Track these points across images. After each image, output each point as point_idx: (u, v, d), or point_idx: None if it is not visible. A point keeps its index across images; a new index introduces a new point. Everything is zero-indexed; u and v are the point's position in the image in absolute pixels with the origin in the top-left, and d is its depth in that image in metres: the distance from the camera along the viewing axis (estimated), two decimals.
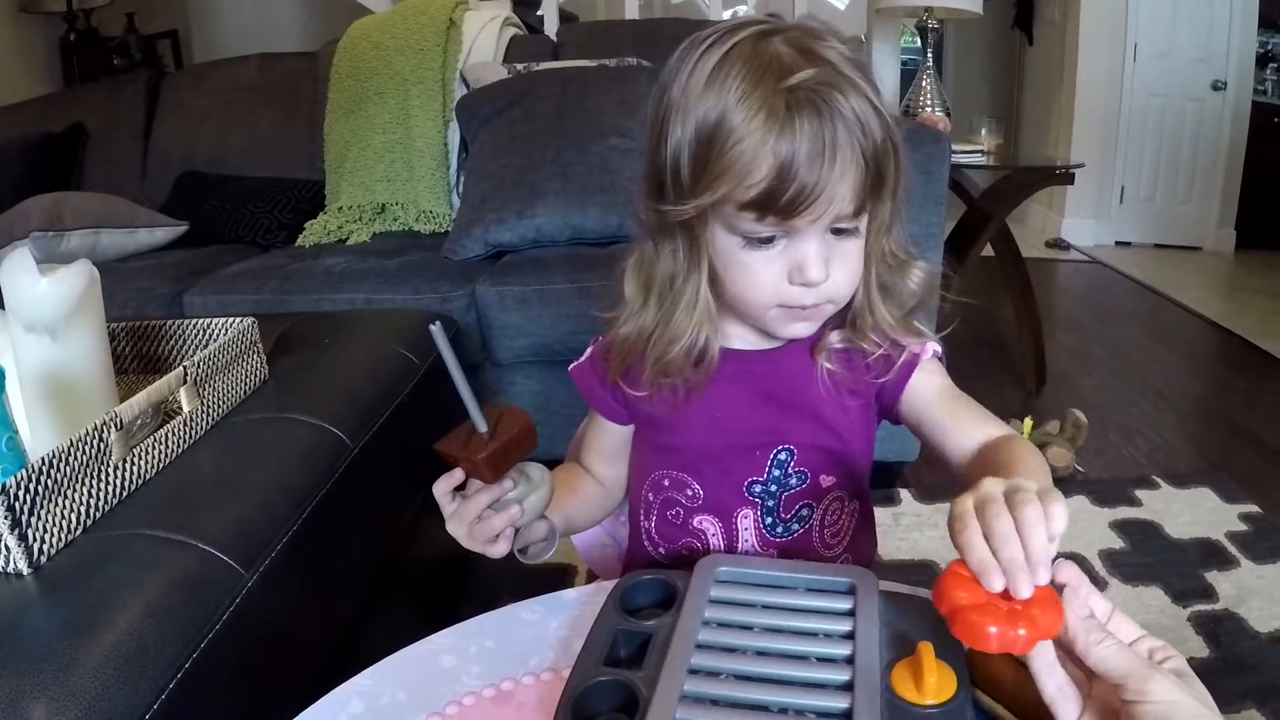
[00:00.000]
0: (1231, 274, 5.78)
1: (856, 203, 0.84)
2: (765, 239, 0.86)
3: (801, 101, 0.80)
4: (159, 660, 0.88)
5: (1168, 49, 6.08)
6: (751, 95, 0.81)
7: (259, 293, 2.36)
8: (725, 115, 0.82)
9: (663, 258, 0.94)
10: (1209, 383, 3.93)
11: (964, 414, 0.98)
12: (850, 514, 1.07)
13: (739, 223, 0.85)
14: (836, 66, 0.82)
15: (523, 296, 2.25)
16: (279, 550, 1.10)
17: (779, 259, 0.87)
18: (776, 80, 0.80)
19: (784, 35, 0.84)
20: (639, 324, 0.97)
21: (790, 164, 0.80)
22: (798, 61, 0.81)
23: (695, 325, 0.93)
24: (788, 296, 0.88)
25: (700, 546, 1.05)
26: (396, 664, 0.88)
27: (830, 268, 0.87)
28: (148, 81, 3.50)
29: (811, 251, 0.86)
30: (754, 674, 0.75)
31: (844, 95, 0.80)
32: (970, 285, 3.50)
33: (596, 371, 1.05)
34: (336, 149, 3.04)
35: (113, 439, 1.08)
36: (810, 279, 0.86)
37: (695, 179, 0.85)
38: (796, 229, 0.85)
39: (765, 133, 0.80)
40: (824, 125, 0.80)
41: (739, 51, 0.83)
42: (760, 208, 0.82)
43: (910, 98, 3.54)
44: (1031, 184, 3.44)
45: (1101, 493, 2.60)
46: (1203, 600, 2.09)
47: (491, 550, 0.90)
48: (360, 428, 1.40)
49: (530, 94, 2.73)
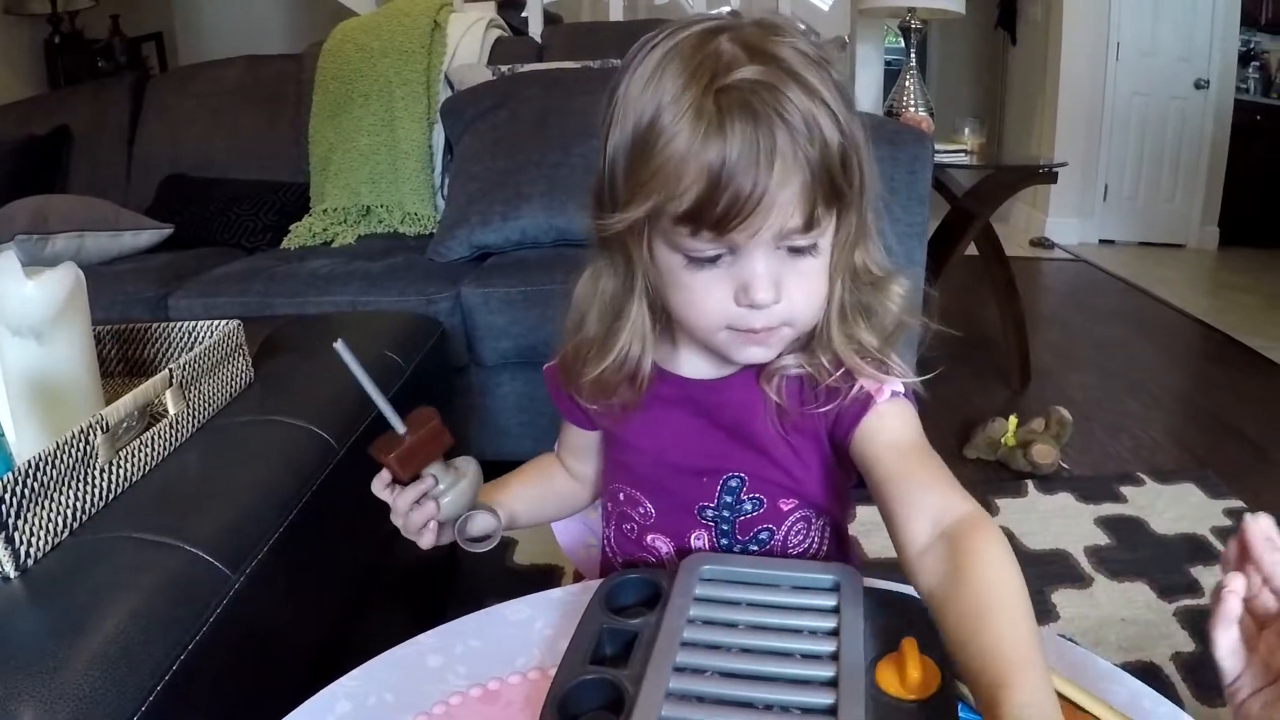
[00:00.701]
0: (1215, 271, 5.81)
1: (805, 215, 0.76)
2: (710, 258, 0.79)
3: (734, 104, 0.73)
4: (146, 662, 0.88)
5: (1150, 48, 6.10)
6: (682, 97, 0.74)
7: (244, 296, 2.36)
8: (656, 118, 0.75)
9: (605, 273, 0.90)
10: (1193, 379, 3.95)
11: (918, 481, 0.83)
12: (820, 529, 1.01)
13: (677, 239, 0.79)
14: (787, 64, 0.75)
15: (507, 298, 2.25)
16: (266, 552, 1.11)
17: (725, 278, 0.80)
18: (710, 80, 0.74)
19: (733, 32, 0.77)
20: (580, 338, 0.94)
21: (720, 172, 0.73)
22: (739, 60, 0.74)
23: (626, 345, 0.89)
24: (735, 319, 0.81)
25: (654, 561, 1.02)
26: (383, 665, 0.88)
27: (785, 288, 0.80)
28: (132, 84, 3.49)
29: (759, 270, 0.78)
30: (739, 671, 0.75)
31: (788, 96, 0.73)
32: (954, 284, 3.52)
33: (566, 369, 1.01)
34: (321, 151, 3.03)
35: (99, 442, 1.09)
36: (757, 300, 0.79)
37: (626, 189, 0.79)
38: (739, 245, 0.77)
39: (692, 137, 0.73)
40: (759, 129, 0.72)
41: (679, 49, 0.77)
42: (693, 220, 0.76)
43: (893, 98, 3.56)
44: (1014, 183, 3.45)
45: (1087, 489, 2.61)
46: (1188, 595, 2.10)
47: (420, 541, 0.93)
48: (346, 430, 1.40)
49: (515, 96, 2.74)
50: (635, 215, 0.78)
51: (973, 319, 4.21)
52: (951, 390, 3.39)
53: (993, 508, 2.49)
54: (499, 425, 2.40)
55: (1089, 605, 2.06)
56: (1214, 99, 6.17)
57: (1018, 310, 3.43)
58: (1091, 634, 1.95)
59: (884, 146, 2.19)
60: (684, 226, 0.77)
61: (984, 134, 3.54)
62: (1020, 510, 2.49)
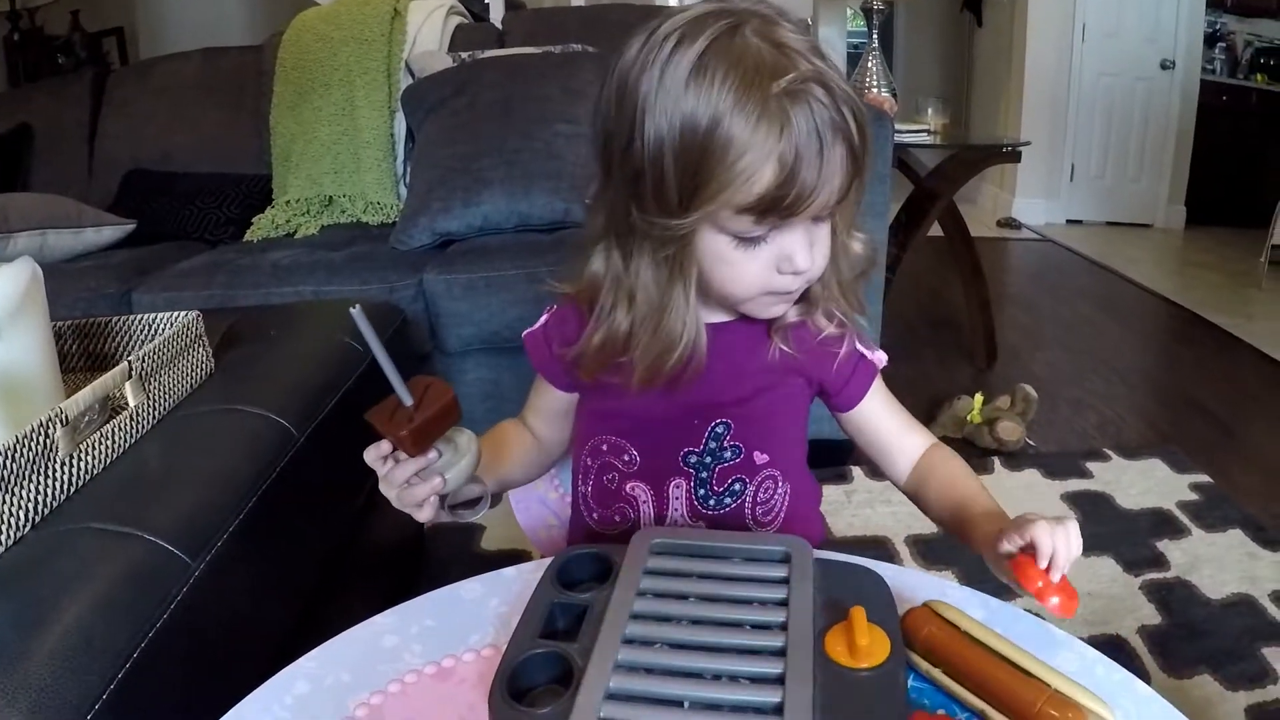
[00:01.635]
0: (1182, 250, 5.86)
1: (843, 191, 0.85)
2: (760, 236, 0.86)
3: (797, 102, 0.79)
4: (108, 651, 0.88)
5: (1116, 29, 6.13)
6: (747, 101, 0.79)
7: (207, 289, 2.35)
8: (721, 121, 0.80)
9: (643, 265, 0.92)
10: (1159, 356, 3.99)
11: (900, 429, 1.09)
12: (783, 496, 1.07)
13: (732, 224, 0.85)
14: (807, 56, 0.82)
15: (470, 284, 2.25)
16: (226, 540, 1.10)
17: (768, 251, 0.87)
18: (770, 81, 0.79)
19: (750, 27, 0.82)
20: (611, 329, 0.95)
21: (793, 167, 0.80)
22: (777, 58, 0.80)
23: (679, 332, 0.92)
24: (775, 285, 0.90)
25: (631, 513, 1.06)
26: (340, 646, 0.88)
27: (813, 253, 0.89)
28: (92, 80, 3.46)
29: (800, 242, 0.87)
30: (688, 642, 0.75)
31: (825, 88, 0.80)
32: (920, 264, 3.53)
33: (547, 338, 1.07)
34: (283, 142, 3.02)
35: (58, 435, 1.08)
36: (799, 268, 0.88)
37: (692, 189, 0.83)
38: (792, 221, 0.85)
39: (766, 137, 0.79)
40: (817, 122, 0.80)
41: (717, 49, 0.81)
42: (761, 211, 0.83)
43: (856, 79, 3.56)
44: (978, 162, 3.46)
45: (1053, 466, 2.63)
46: (1154, 569, 2.12)
47: (418, 515, 0.90)
48: (306, 417, 1.39)
49: (475, 82, 2.73)
50: (706, 212, 0.83)
51: (939, 298, 4.24)
52: (917, 369, 3.40)
53: None
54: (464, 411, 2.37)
55: None
56: (1180, 80, 6.20)
57: (983, 289, 3.45)
58: None
59: None
60: (749, 215, 0.83)
61: (947, 114, 3.55)
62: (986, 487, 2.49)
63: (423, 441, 0.86)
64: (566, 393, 1.10)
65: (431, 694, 0.81)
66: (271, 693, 0.82)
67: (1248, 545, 2.22)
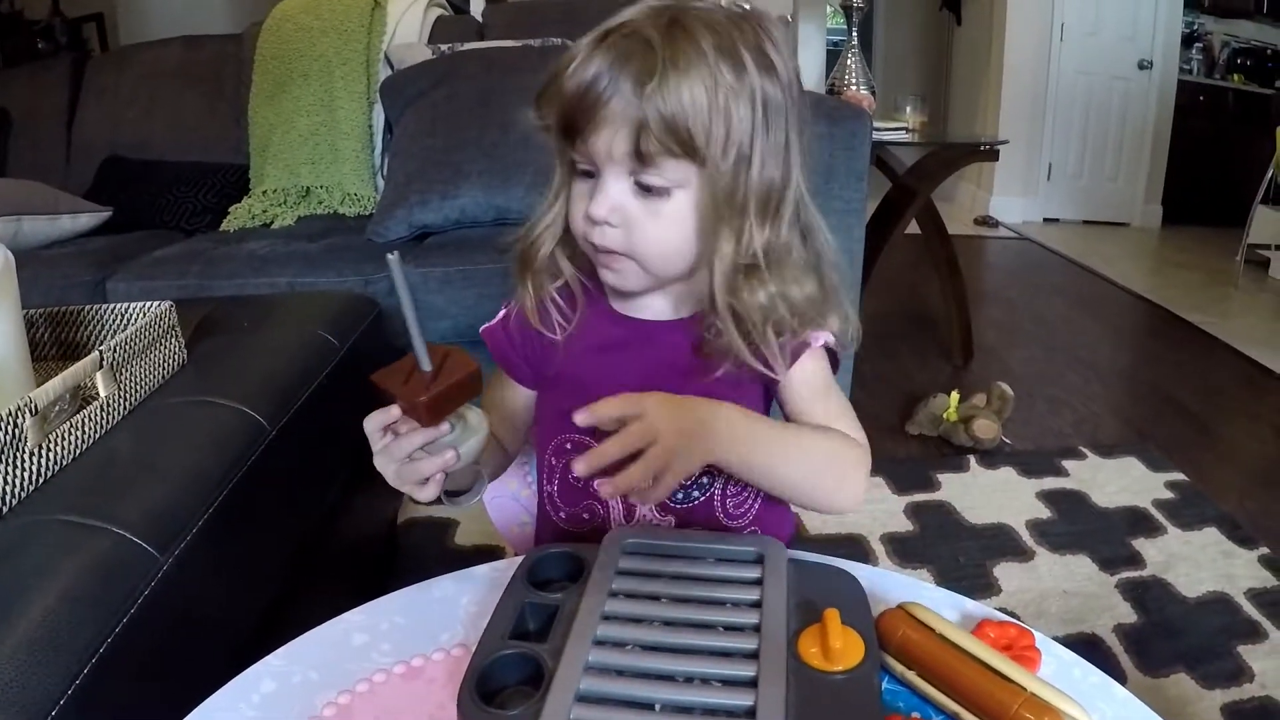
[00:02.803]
0: (1158, 248, 5.90)
1: (631, 145, 0.86)
2: (583, 171, 0.92)
3: (606, 44, 0.86)
4: (73, 645, 0.87)
5: (1094, 28, 6.15)
6: (595, 32, 0.89)
7: (183, 278, 2.33)
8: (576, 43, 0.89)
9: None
10: (1135, 355, 4.01)
11: (820, 410, 1.01)
12: (754, 490, 1.06)
13: (567, 152, 0.93)
14: (692, 40, 0.86)
15: (446, 277, 2.24)
16: (195, 534, 1.09)
17: (587, 194, 0.92)
18: (611, 28, 0.88)
19: (684, 10, 0.88)
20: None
21: (579, 91, 0.86)
22: (647, 21, 0.87)
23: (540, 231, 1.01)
24: (588, 232, 0.93)
25: (600, 510, 1.06)
26: (308, 643, 0.87)
27: (632, 221, 0.91)
28: (71, 65, 3.44)
29: (605, 189, 0.90)
30: (660, 644, 0.75)
31: (659, 55, 0.84)
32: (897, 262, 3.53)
33: (507, 332, 1.08)
34: (261, 132, 3.00)
35: (28, 425, 1.07)
36: (592, 211, 0.91)
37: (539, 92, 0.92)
38: (598, 165, 0.90)
39: (572, 63, 0.87)
40: (613, 67, 0.85)
41: (642, 4, 0.90)
42: (559, 129, 0.90)
43: (834, 76, 3.56)
44: (956, 160, 3.47)
45: (1029, 464, 2.63)
46: (1130, 567, 2.13)
47: (420, 494, 0.88)
48: (278, 410, 1.39)
49: (455, 74, 2.72)
50: (545, 121, 0.92)
51: (916, 296, 4.24)
52: (894, 366, 3.41)
53: (935, 483, 2.50)
54: None
55: (1031, 578, 2.08)
56: (1157, 79, 6.24)
57: (959, 287, 3.46)
58: (1033, 606, 1.97)
59: (822, 123, 2.19)
60: (560, 136, 0.91)
61: (926, 112, 3.55)
62: (962, 485, 2.50)
63: (439, 412, 0.82)
64: (527, 388, 1.10)
65: (401, 693, 0.80)
66: (238, 690, 0.81)
67: (1223, 544, 2.23)
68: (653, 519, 1.05)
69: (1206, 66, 6.68)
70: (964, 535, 2.26)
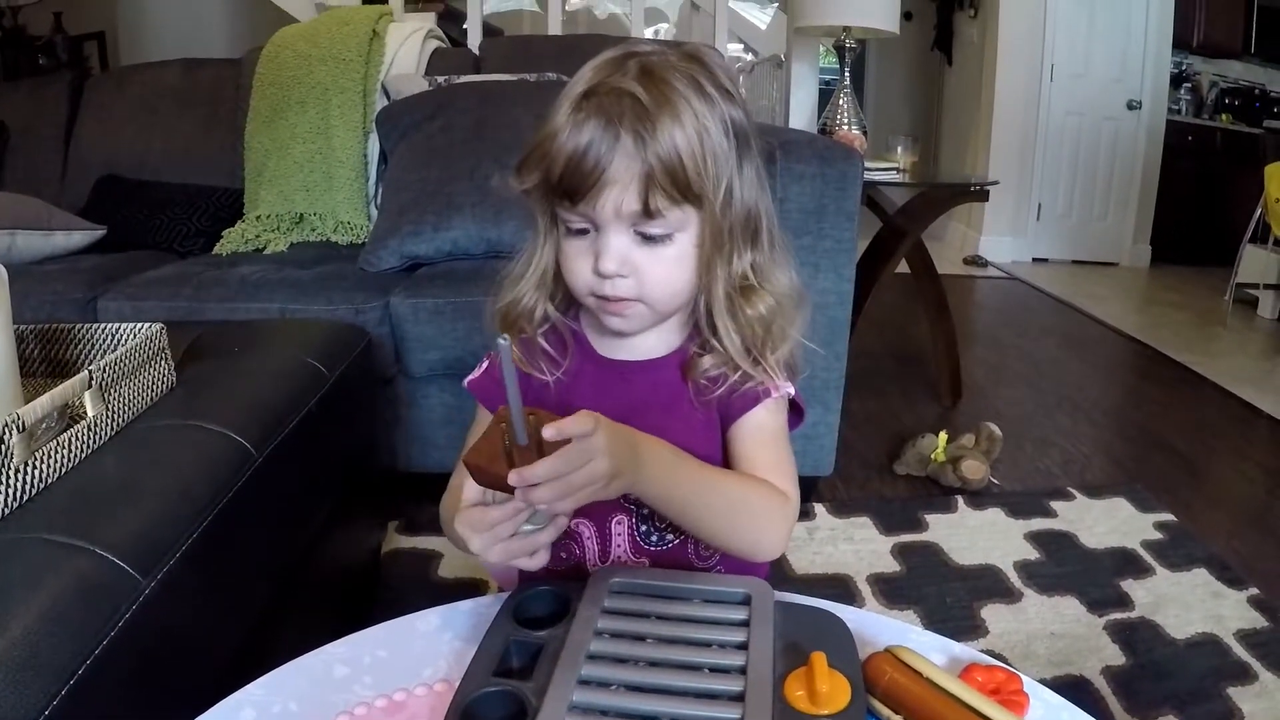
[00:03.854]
0: (1147, 288, 5.92)
1: (641, 201, 0.89)
2: (578, 230, 0.95)
3: (595, 106, 0.89)
4: (51, 666, 0.86)
5: (1084, 69, 6.21)
6: (572, 94, 0.91)
7: (174, 300, 2.32)
8: (554, 110, 0.92)
9: (530, 236, 1.05)
10: (1124, 395, 4.02)
11: (758, 466, 1.02)
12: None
13: (558, 209, 0.95)
14: (669, 87, 0.89)
15: (436, 309, 2.24)
16: (178, 558, 1.09)
17: (589, 250, 0.95)
18: (595, 86, 0.90)
19: (646, 56, 0.92)
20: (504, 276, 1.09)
21: (574, 155, 0.88)
22: (627, 75, 0.90)
23: (527, 288, 1.04)
24: (595, 286, 0.96)
25: (577, 550, 1.06)
26: (289, 673, 0.87)
27: (638, 268, 0.94)
28: (71, 82, 3.44)
29: (609, 245, 0.93)
30: (645, 684, 0.75)
31: (647, 109, 0.88)
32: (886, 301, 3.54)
33: (493, 381, 1.11)
34: (256, 157, 3.00)
35: (14, 441, 1.07)
36: (602, 269, 0.93)
37: (523, 161, 0.95)
38: (598, 222, 0.92)
39: (563, 127, 0.89)
40: (609, 128, 0.88)
41: (602, 57, 0.94)
42: (557, 193, 0.92)
43: (827, 116, 3.58)
44: (946, 200, 3.48)
45: (1017, 505, 2.63)
46: (1119, 609, 2.12)
47: (531, 564, 0.86)
48: (265, 437, 1.38)
49: (450, 106, 2.72)
50: (528, 183, 0.95)
51: (904, 335, 4.25)
52: (882, 406, 3.41)
53: (922, 523, 2.50)
54: (426, 437, 2.39)
55: (1019, 620, 2.07)
56: (1146, 120, 6.29)
57: (948, 326, 3.46)
58: (1021, 648, 1.96)
59: (813, 163, 2.20)
60: (556, 198, 0.93)
61: (917, 152, 3.56)
62: (950, 526, 2.50)
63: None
64: None
65: None
66: (218, 718, 0.80)
67: (1212, 584, 2.23)
68: (627, 560, 1.05)
69: (1195, 106, 6.74)
70: (951, 576, 2.25)
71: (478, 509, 0.85)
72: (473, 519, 0.84)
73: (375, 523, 2.21)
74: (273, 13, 4.09)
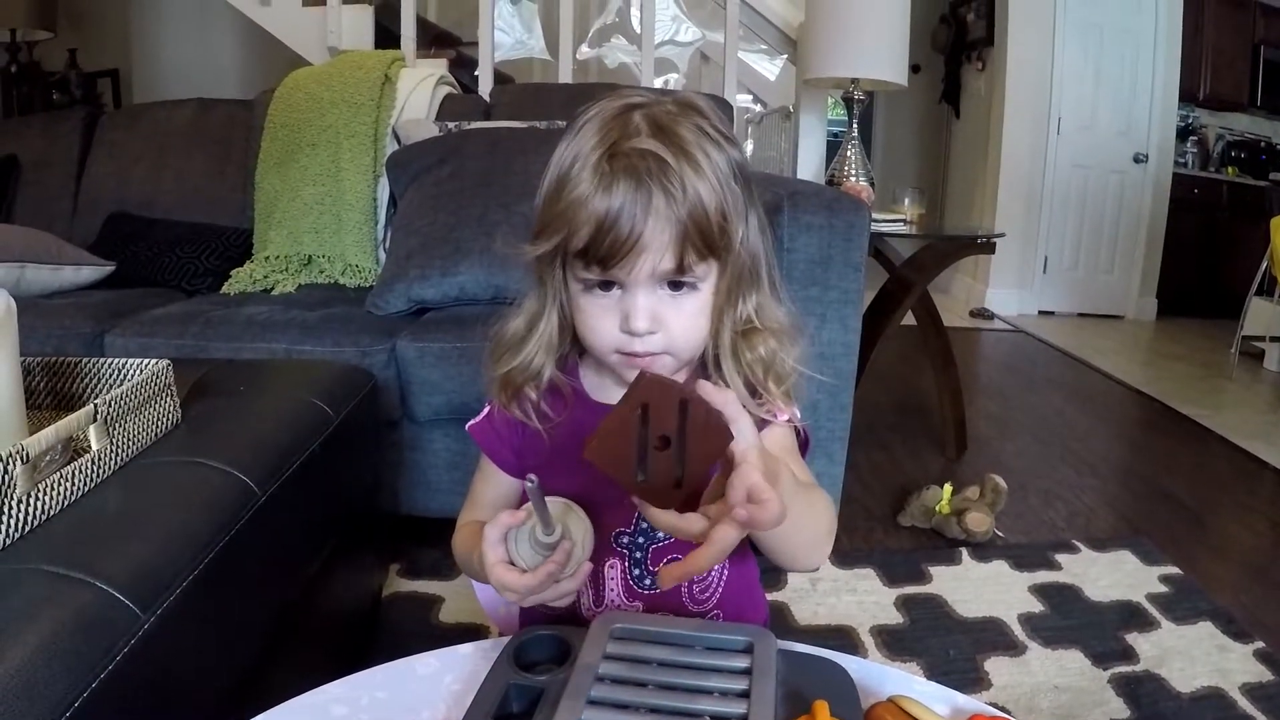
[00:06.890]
0: (1153, 341, 5.92)
1: (675, 260, 0.90)
2: (602, 285, 0.94)
3: (623, 167, 0.88)
4: (48, 698, 0.86)
5: (1090, 122, 6.25)
6: (590, 155, 0.89)
7: (181, 338, 2.33)
8: (569, 169, 0.91)
9: (532, 295, 1.04)
10: (1129, 447, 4.01)
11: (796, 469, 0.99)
12: (718, 573, 1.09)
13: (577, 269, 0.94)
14: (680, 139, 0.90)
15: (442, 353, 2.24)
16: (178, 593, 1.09)
17: (614, 308, 0.94)
18: (613, 145, 0.89)
19: (649, 109, 0.92)
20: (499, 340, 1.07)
21: (605, 219, 0.88)
22: (641, 131, 0.90)
23: (534, 351, 1.03)
24: (622, 344, 0.95)
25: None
26: (287, 713, 0.87)
27: (664, 321, 0.94)
28: (84, 119, 3.47)
29: (639, 303, 0.92)
30: None
31: (671, 165, 0.88)
32: (892, 353, 3.55)
33: (494, 427, 1.11)
34: (266, 198, 3.02)
35: (18, 472, 1.07)
36: (634, 328, 0.93)
37: (539, 224, 0.94)
38: (624, 281, 0.92)
39: (589, 189, 0.88)
40: (640, 189, 0.87)
41: (601, 114, 0.92)
42: (585, 256, 0.91)
43: (834, 167, 3.61)
44: (952, 252, 3.49)
45: (1021, 557, 2.62)
46: (1123, 662, 2.10)
47: (564, 601, 0.92)
48: (269, 476, 1.39)
49: (460, 152, 2.74)
50: (544, 248, 0.93)
51: (910, 387, 4.25)
52: (887, 458, 3.41)
53: (926, 575, 2.49)
54: (430, 481, 2.38)
55: (1022, 673, 2.06)
56: (1153, 173, 6.32)
57: (954, 378, 3.46)
58: (1024, 702, 1.95)
59: (820, 214, 2.22)
60: (579, 260, 0.92)
61: (924, 204, 3.58)
62: (954, 578, 2.49)
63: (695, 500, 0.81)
64: (511, 477, 1.13)
65: None
66: None
67: (1218, 638, 2.21)
68: (622, 605, 1.06)
69: (1201, 159, 6.78)
70: (955, 628, 2.24)
71: (511, 573, 0.88)
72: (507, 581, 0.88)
73: (377, 565, 2.20)
74: (286, 55, 4.13)
